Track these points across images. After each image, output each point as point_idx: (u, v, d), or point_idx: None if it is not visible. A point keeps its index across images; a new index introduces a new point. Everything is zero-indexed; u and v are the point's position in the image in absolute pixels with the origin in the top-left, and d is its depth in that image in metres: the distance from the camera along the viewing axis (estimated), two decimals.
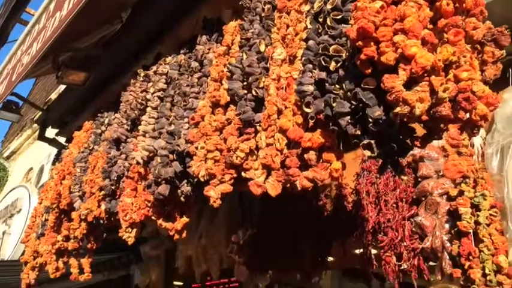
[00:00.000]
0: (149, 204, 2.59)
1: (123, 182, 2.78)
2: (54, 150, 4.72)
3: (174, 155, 2.47)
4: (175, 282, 5.13)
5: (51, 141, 4.81)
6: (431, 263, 2.56)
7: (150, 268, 4.60)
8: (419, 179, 2.60)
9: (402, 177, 2.54)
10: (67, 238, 3.29)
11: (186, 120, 2.50)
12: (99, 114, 3.63)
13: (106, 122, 3.45)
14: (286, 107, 1.96)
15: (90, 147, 3.37)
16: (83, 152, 3.41)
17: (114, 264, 5.28)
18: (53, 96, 8.05)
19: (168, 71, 2.87)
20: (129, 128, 3.03)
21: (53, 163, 4.19)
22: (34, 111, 8.75)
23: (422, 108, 1.34)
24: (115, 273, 5.38)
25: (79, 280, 3.36)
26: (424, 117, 1.36)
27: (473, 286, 2.05)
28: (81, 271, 3.41)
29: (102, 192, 2.89)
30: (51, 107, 4.91)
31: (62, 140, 4.69)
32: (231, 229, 3.86)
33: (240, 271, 3.80)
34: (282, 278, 4.33)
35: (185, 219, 2.63)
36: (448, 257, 2.29)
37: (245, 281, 3.84)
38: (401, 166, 2.19)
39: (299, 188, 1.85)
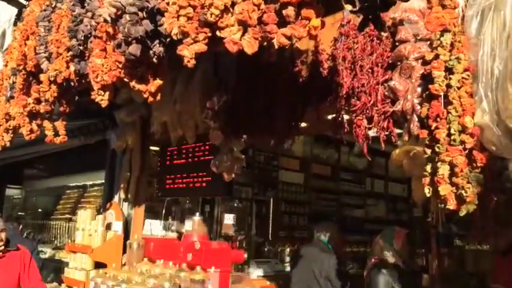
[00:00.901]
0: (120, 66, 2.50)
1: (91, 42, 2.64)
2: (15, 13, 4.40)
3: (144, 13, 2.33)
4: (152, 148, 5.27)
5: (10, 0, 4.46)
6: (399, 130, 2.66)
7: (126, 133, 4.66)
8: (397, 44, 2.57)
9: (382, 33, 2.49)
10: (38, 101, 3.23)
11: None
12: None
13: None
14: None
15: (53, 5, 3.12)
16: (45, 10, 3.17)
17: (90, 129, 5.32)
18: None
19: None
20: None
21: (15, 24, 3.93)
22: None
23: None
24: (91, 139, 5.46)
25: (55, 143, 3.38)
26: None
27: (437, 145, 2.14)
28: (57, 134, 3.43)
29: (70, 52, 2.77)
30: None
31: None
32: (206, 95, 3.86)
33: (215, 135, 3.89)
34: (257, 142, 4.50)
35: (159, 81, 2.58)
36: (416, 119, 2.37)
37: (220, 145, 3.95)
38: (382, 22, 2.13)
39: (276, 46, 1.80)
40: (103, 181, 5.81)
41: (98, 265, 4.50)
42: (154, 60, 2.39)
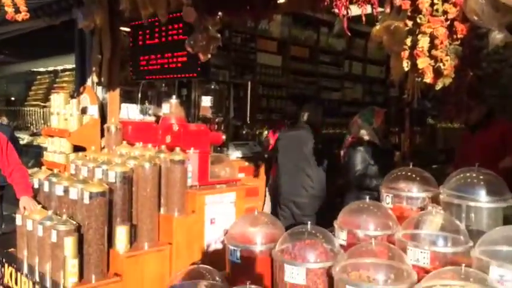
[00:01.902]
0: None
1: None
2: None
3: None
4: (122, 28, 5.01)
5: None
6: (381, 9, 2.53)
7: (93, 11, 4.36)
8: None
9: None
10: None
11: None
12: None
13: None
14: None
15: None
16: None
17: (54, 8, 4.97)
18: None
19: None
20: None
21: None
22: None
23: None
24: (56, 19, 5.13)
25: (17, 20, 3.15)
26: None
27: (419, 16, 2.07)
28: (18, 11, 3.18)
29: None
30: None
31: None
32: None
33: (188, 12, 3.69)
34: (232, 20, 4.30)
35: None
36: None
37: (194, 22, 3.76)
38: None
39: None
40: (74, 66, 5.61)
41: (77, 149, 4.52)
42: None
